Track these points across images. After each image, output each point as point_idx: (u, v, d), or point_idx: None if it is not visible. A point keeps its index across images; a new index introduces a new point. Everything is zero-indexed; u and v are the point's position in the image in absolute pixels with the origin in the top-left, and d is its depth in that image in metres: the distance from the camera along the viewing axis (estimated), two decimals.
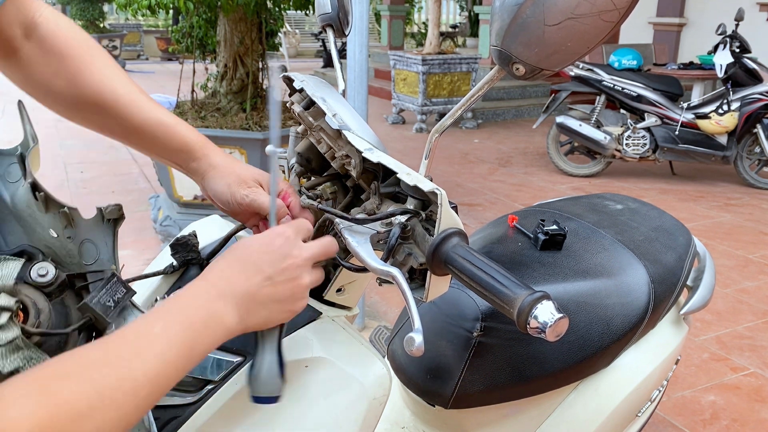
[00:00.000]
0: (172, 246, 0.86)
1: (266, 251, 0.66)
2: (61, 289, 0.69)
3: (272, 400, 0.70)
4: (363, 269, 0.78)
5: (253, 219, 0.85)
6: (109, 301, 0.68)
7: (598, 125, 5.17)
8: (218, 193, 0.83)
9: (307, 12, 3.73)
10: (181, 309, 0.60)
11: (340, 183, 0.91)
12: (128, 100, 0.80)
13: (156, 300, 0.84)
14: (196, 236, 0.88)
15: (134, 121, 0.81)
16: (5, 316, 0.59)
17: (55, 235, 0.70)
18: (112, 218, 0.75)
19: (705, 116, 4.91)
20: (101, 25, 12.99)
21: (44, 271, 0.67)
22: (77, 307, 0.69)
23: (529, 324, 0.60)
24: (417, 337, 0.63)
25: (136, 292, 0.72)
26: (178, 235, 0.87)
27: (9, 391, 0.46)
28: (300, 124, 0.92)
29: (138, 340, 0.55)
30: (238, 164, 0.85)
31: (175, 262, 0.86)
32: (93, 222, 0.74)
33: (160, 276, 0.86)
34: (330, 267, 0.88)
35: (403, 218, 0.72)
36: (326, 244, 0.71)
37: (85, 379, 0.50)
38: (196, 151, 0.84)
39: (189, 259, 0.86)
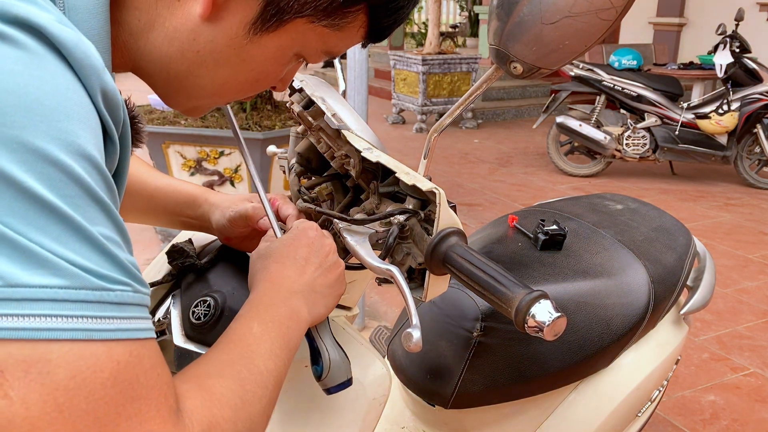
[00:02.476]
0: (168, 253, 0.86)
1: (306, 244, 0.72)
2: None
3: (347, 384, 0.72)
4: (361, 267, 0.78)
5: (247, 241, 0.88)
6: None
7: (598, 125, 5.16)
8: (219, 224, 0.88)
9: None
10: (267, 309, 0.64)
11: (339, 183, 0.91)
12: (146, 176, 0.92)
13: (157, 320, 0.83)
14: (191, 242, 0.88)
15: (149, 189, 0.91)
16: None
17: None
18: None
19: (705, 116, 4.91)
20: None
21: None
22: None
23: (526, 323, 0.60)
24: (415, 333, 0.64)
25: None
26: (174, 242, 0.87)
27: (179, 390, 0.49)
28: (300, 124, 0.92)
29: (246, 341, 0.59)
30: (234, 196, 0.91)
31: (172, 270, 0.86)
32: None
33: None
34: None
35: (401, 218, 0.72)
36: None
37: (229, 376, 0.54)
38: (198, 197, 0.91)
39: (186, 266, 0.86)
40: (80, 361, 0.40)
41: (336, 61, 0.98)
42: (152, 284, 0.86)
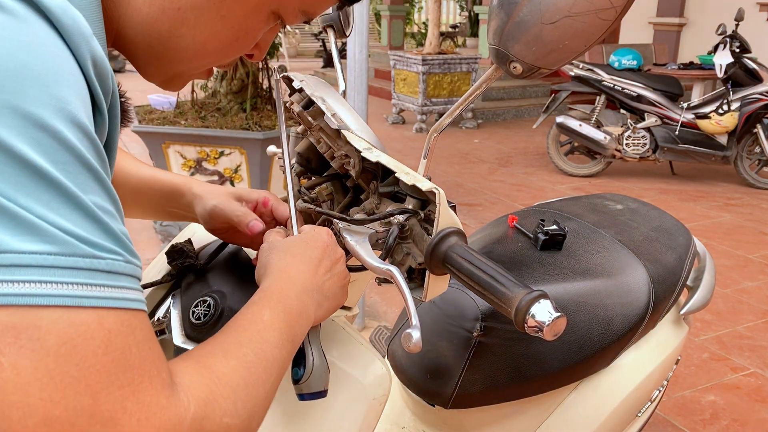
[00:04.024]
0: (167, 253, 0.86)
1: (321, 246, 0.72)
2: None
3: (322, 394, 0.71)
4: (361, 268, 0.78)
5: (231, 233, 0.86)
6: None
7: (598, 125, 5.17)
8: (201, 216, 0.87)
9: None
10: (280, 300, 0.63)
11: (339, 183, 0.91)
12: (129, 168, 0.91)
13: (157, 320, 0.83)
14: (191, 242, 0.88)
15: (133, 181, 0.90)
16: None
17: None
18: None
19: (705, 116, 4.91)
20: None
21: None
22: None
23: (526, 323, 0.60)
24: (414, 334, 0.63)
25: None
26: (173, 242, 0.87)
27: (176, 366, 0.49)
28: (300, 124, 0.92)
29: (256, 326, 0.58)
30: (218, 187, 0.90)
31: (172, 270, 0.86)
32: None
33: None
34: None
35: (401, 218, 0.71)
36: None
37: (234, 357, 0.54)
38: (181, 186, 0.90)
39: (186, 266, 0.86)
40: (70, 328, 0.40)
41: (336, 61, 0.98)
42: (152, 284, 0.86)
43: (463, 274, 0.66)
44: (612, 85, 5.09)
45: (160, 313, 0.85)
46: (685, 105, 5.06)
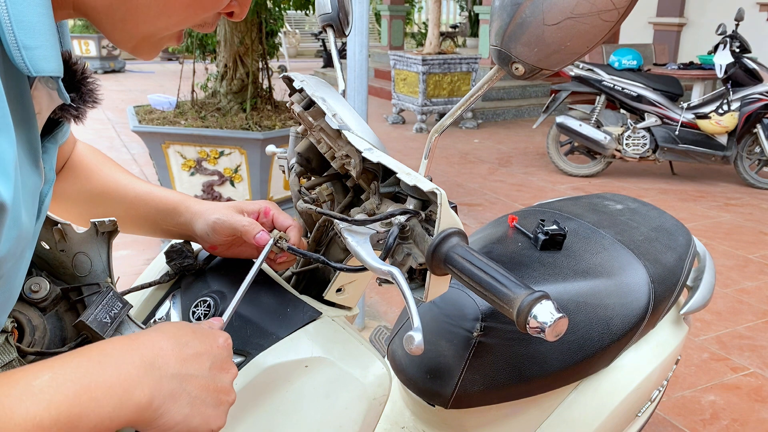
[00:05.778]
0: (166, 253, 0.86)
1: (208, 342, 0.62)
2: (56, 302, 0.69)
3: None
4: (362, 269, 0.78)
5: (234, 247, 0.86)
6: (105, 317, 0.68)
7: (598, 125, 5.17)
8: (202, 232, 0.85)
9: (307, 12, 3.74)
10: (86, 363, 0.51)
11: (340, 183, 0.91)
12: (125, 183, 0.90)
13: (154, 321, 0.83)
14: (190, 243, 0.88)
15: (129, 197, 0.89)
16: (1, 338, 0.58)
17: (47, 248, 0.71)
18: (106, 231, 0.75)
19: (705, 116, 4.91)
20: None
21: (37, 287, 0.67)
22: (73, 324, 0.69)
23: (528, 324, 0.60)
24: (416, 336, 0.63)
25: (132, 306, 0.72)
26: (173, 242, 0.87)
27: None
28: (300, 124, 0.92)
29: (18, 385, 0.47)
30: (217, 203, 0.88)
31: (170, 270, 0.86)
32: (86, 235, 0.74)
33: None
34: (327, 267, 0.88)
35: (402, 218, 0.71)
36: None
37: None
38: (179, 205, 0.88)
39: (185, 267, 0.85)
40: None
41: (336, 61, 0.98)
42: (151, 284, 0.86)
43: (465, 275, 0.66)
44: (612, 85, 5.10)
45: (160, 314, 0.85)
46: (685, 105, 5.06)
